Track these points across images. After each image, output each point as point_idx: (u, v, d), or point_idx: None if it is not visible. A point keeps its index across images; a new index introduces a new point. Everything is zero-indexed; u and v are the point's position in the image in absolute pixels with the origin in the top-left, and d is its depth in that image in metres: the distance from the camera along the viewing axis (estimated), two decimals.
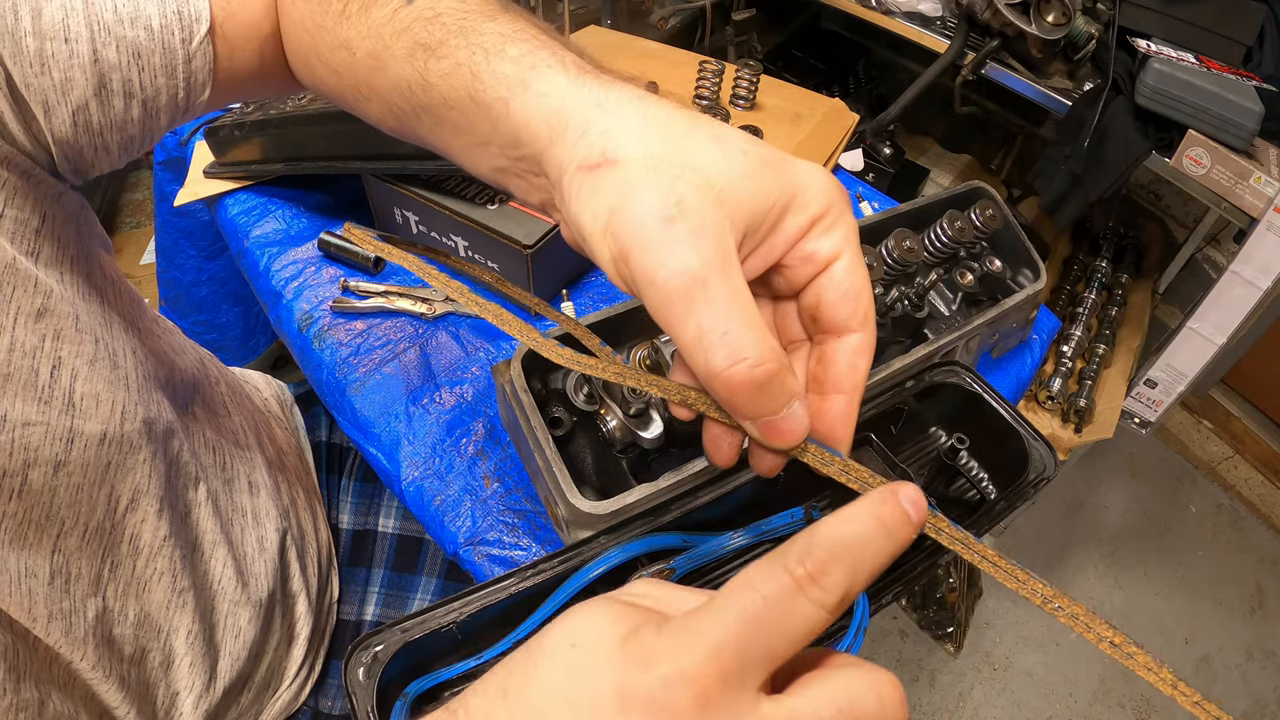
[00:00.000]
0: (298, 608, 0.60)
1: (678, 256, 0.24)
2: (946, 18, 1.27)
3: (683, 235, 0.24)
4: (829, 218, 0.28)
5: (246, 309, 1.13)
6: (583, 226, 0.26)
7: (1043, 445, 0.54)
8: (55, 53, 0.33)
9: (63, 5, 0.33)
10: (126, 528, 0.44)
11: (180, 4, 0.36)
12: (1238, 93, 0.99)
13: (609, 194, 0.25)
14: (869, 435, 0.53)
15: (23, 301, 0.35)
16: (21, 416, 0.36)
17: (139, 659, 0.47)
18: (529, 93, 0.28)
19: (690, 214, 0.24)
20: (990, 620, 1.52)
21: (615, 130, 0.26)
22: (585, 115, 0.27)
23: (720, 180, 0.25)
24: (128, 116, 0.37)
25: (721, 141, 0.27)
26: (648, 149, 0.26)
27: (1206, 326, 1.09)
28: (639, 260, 0.24)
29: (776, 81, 1.05)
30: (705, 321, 0.24)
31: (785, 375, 0.26)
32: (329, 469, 0.74)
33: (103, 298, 0.41)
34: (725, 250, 0.25)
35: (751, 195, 0.26)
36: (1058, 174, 1.16)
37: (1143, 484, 1.78)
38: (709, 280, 0.24)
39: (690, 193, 0.25)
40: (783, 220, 0.27)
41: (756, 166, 0.26)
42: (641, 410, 0.51)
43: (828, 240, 0.28)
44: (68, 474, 0.39)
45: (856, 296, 0.28)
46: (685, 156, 0.26)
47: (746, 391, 0.25)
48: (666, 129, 0.26)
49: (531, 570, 0.42)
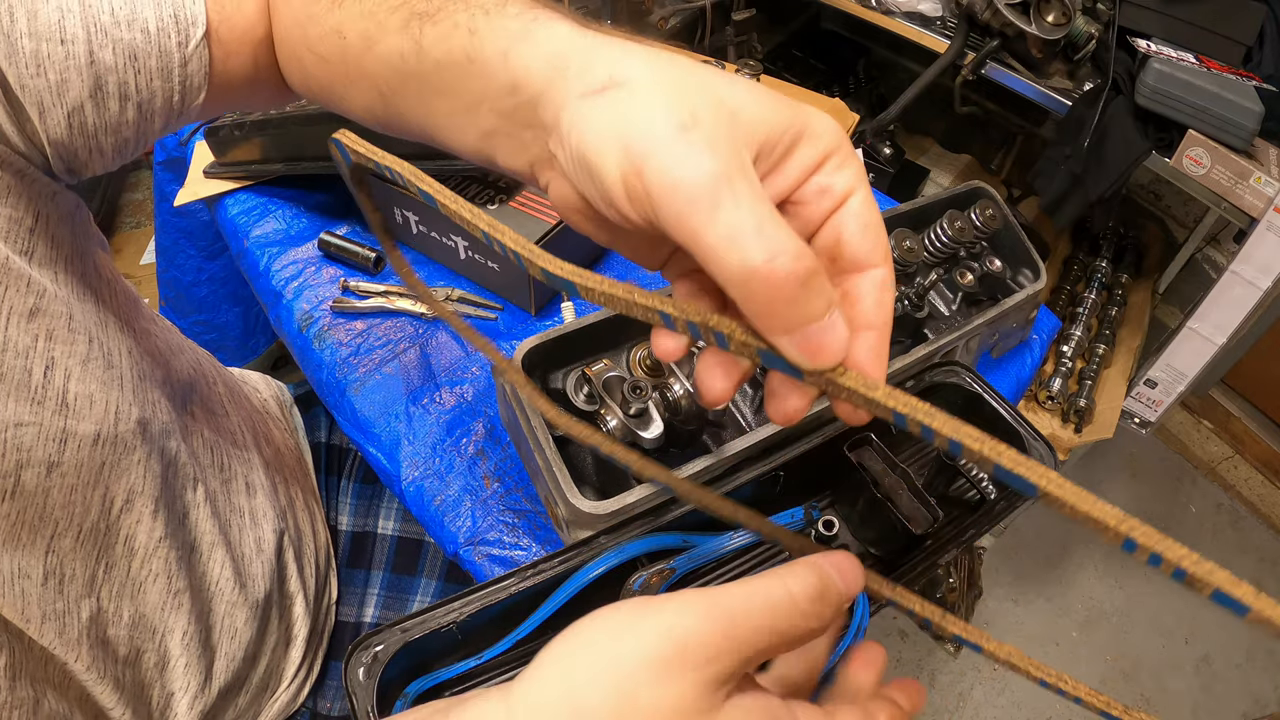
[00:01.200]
0: (295, 609, 0.60)
1: (698, 158, 0.23)
2: (946, 18, 1.27)
3: (700, 141, 0.23)
4: (841, 154, 0.27)
5: (246, 309, 1.13)
6: (587, 148, 0.25)
7: (1043, 445, 0.54)
8: (51, 54, 0.33)
9: (59, 7, 0.33)
10: (121, 529, 0.44)
11: (176, 7, 0.36)
12: (1238, 93, 0.99)
13: (618, 112, 0.24)
14: (869, 435, 0.53)
15: (15, 301, 0.35)
16: (14, 417, 0.36)
17: (134, 660, 0.47)
18: (530, 40, 0.27)
19: (705, 124, 0.24)
20: (990, 620, 1.52)
21: (622, 59, 0.25)
22: (589, 53, 0.26)
23: (732, 101, 0.25)
24: (123, 119, 0.37)
25: (731, 77, 0.26)
26: (656, 71, 0.25)
27: (1206, 326, 1.09)
28: (656, 167, 0.23)
29: (776, 81, 1.05)
30: (735, 219, 0.23)
31: (824, 275, 0.24)
32: (328, 470, 0.74)
33: (97, 297, 0.41)
34: (743, 162, 0.24)
35: (763, 118, 0.25)
36: (1058, 174, 1.16)
37: (1143, 484, 1.78)
38: (734, 178, 0.23)
39: (704, 107, 0.24)
40: (795, 149, 0.26)
41: (767, 95, 0.26)
42: (642, 410, 0.51)
43: (841, 175, 0.27)
44: (61, 475, 0.38)
45: (877, 230, 0.27)
46: (696, 79, 0.25)
47: (790, 289, 0.23)
48: (673, 60, 0.26)
49: (531, 570, 0.42)
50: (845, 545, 0.55)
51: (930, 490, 0.53)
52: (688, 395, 0.52)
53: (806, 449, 0.52)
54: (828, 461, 0.53)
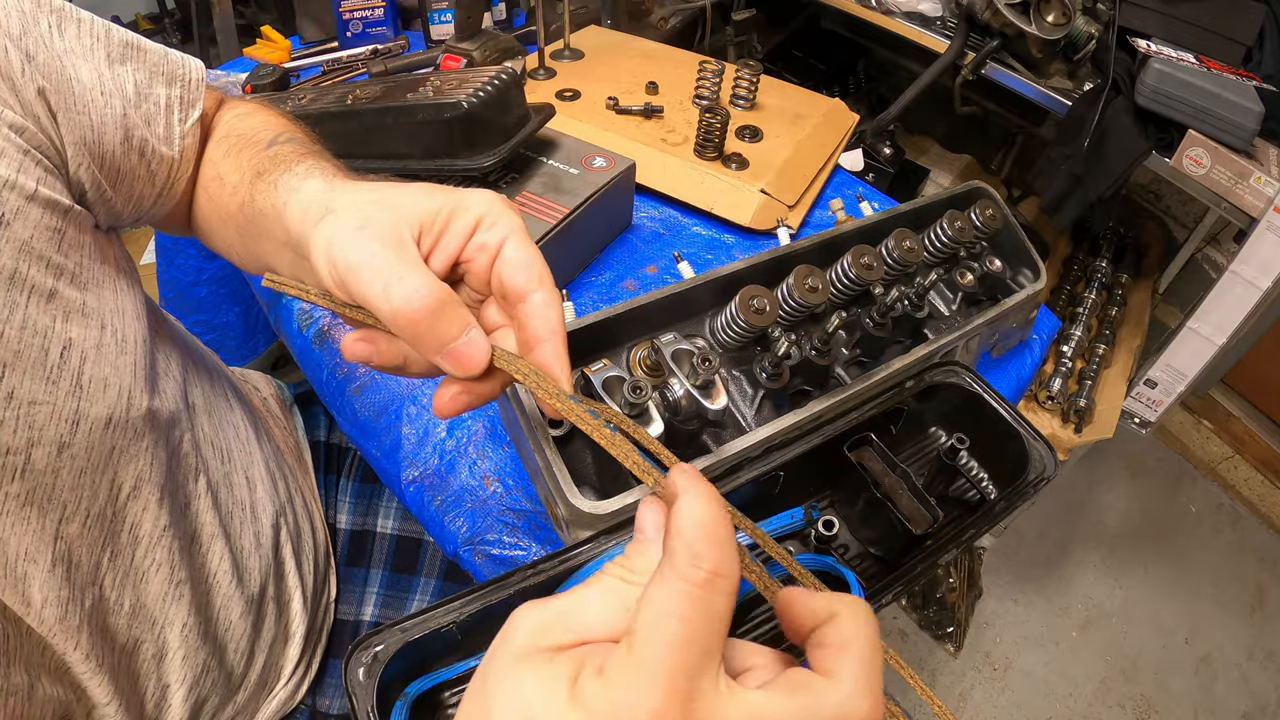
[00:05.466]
0: (292, 605, 0.60)
1: (364, 245, 0.33)
2: (946, 18, 1.27)
3: (368, 237, 0.33)
4: (490, 217, 0.36)
5: (246, 309, 1.13)
6: (316, 257, 0.34)
7: (1043, 445, 0.54)
8: (94, 99, 0.40)
9: (96, 68, 0.41)
10: (128, 516, 0.44)
11: (183, 89, 0.46)
12: (1238, 93, 0.99)
13: (327, 229, 0.34)
14: (869, 435, 0.53)
15: (37, 280, 0.36)
16: (29, 395, 0.36)
17: (132, 650, 0.47)
18: (295, 195, 0.38)
19: (375, 224, 0.34)
20: (990, 620, 1.52)
21: (339, 197, 0.37)
22: (324, 197, 0.37)
23: (398, 199, 0.35)
24: (137, 174, 0.44)
25: (412, 187, 0.37)
26: (354, 197, 0.36)
27: (1206, 326, 1.09)
28: (339, 256, 0.33)
29: (776, 81, 1.05)
30: (382, 279, 0.32)
31: (455, 305, 0.33)
32: (328, 469, 0.74)
33: (115, 285, 0.42)
34: (400, 239, 0.34)
35: (422, 204, 0.35)
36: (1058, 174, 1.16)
37: (1143, 484, 1.78)
38: (385, 254, 0.33)
39: (376, 211, 0.34)
40: (452, 220, 0.36)
41: (428, 191, 0.36)
42: (642, 410, 0.51)
43: (493, 233, 0.36)
44: (71, 456, 0.39)
45: (528, 264, 0.36)
46: (377, 196, 0.36)
47: (425, 320, 0.32)
48: (373, 188, 0.37)
49: (531, 570, 0.42)
50: (845, 545, 0.55)
51: (930, 490, 0.53)
52: (688, 395, 0.52)
53: (806, 449, 0.52)
54: (828, 461, 0.53)
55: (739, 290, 0.56)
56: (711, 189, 0.85)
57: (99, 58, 0.41)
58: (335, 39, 1.14)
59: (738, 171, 0.86)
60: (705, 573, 0.24)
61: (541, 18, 1.00)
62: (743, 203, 0.84)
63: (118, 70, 0.42)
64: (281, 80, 0.98)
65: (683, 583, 0.24)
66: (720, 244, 0.84)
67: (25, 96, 0.36)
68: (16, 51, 0.36)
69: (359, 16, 1.12)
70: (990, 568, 1.59)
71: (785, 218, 0.84)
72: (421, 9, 1.10)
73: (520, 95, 0.73)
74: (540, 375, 0.34)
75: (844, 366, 0.62)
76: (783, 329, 0.57)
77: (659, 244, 0.83)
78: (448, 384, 0.36)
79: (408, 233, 0.34)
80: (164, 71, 0.45)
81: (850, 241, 0.66)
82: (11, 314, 0.35)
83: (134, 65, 0.43)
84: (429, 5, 1.09)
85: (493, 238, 0.36)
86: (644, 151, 0.87)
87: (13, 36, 0.36)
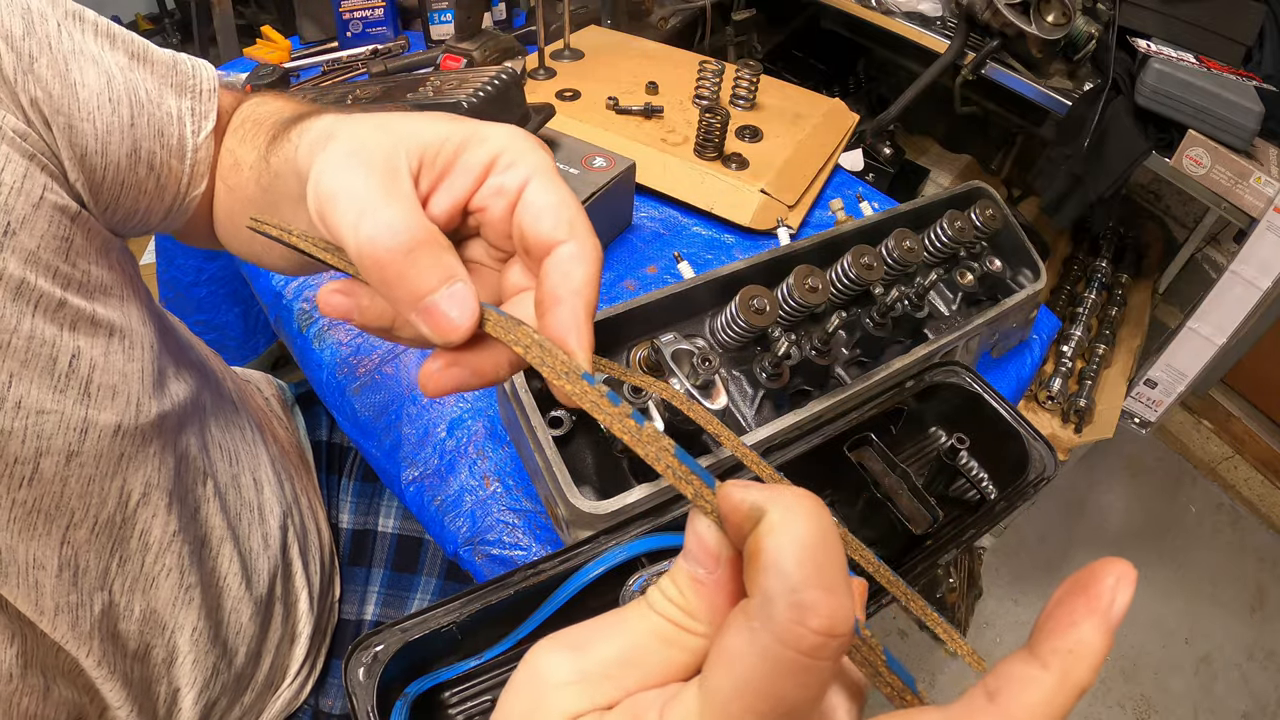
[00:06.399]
0: (299, 605, 0.60)
1: (347, 172, 0.27)
2: (946, 18, 1.27)
3: (356, 162, 0.27)
4: (509, 154, 0.29)
5: (246, 309, 1.13)
6: (304, 180, 0.29)
7: (1043, 445, 0.54)
8: (101, 107, 0.38)
9: (106, 71, 0.38)
10: (137, 522, 0.44)
11: (194, 100, 0.43)
12: (1238, 93, 0.99)
13: (320, 156, 0.29)
14: (869, 435, 0.53)
15: (45, 290, 0.36)
16: (37, 404, 0.36)
17: (143, 655, 0.47)
18: (307, 134, 0.32)
19: (367, 149, 0.28)
20: (990, 620, 1.52)
21: (341, 123, 0.30)
22: (331, 128, 0.31)
23: (398, 125, 0.29)
24: (144, 186, 0.41)
25: (422, 113, 0.31)
26: (356, 124, 0.30)
27: (1206, 326, 1.09)
28: (321, 183, 0.27)
29: (776, 81, 1.05)
30: (357, 207, 0.26)
31: (437, 249, 0.26)
32: (329, 469, 0.74)
33: (122, 290, 0.42)
34: (393, 168, 0.28)
35: (424, 131, 0.29)
36: (1058, 174, 1.16)
37: (1143, 484, 1.78)
38: (368, 181, 0.27)
39: (372, 135, 0.29)
40: (462, 154, 0.29)
41: (438, 119, 0.30)
42: (642, 410, 0.51)
43: (513, 172, 0.29)
44: (80, 464, 0.39)
45: (555, 209, 0.28)
46: (378, 121, 0.30)
47: (395, 263, 0.26)
48: (379, 116, 0.31)
49: (531, 570, 0.42)
50: None
51: (930, 490, 0.53)
52: (688, 395, 0.52)
53: (806, 449, 0.52)
54: (828, 461, 0.53)
55: (739, 290, 0.56)
56: (711, 189, 0.85)
57: (107, 63, 0.39)
58: (335, 39, 1.14)
59: (738, 171, 0.86)
60: (813, 634, 0.16)
61: (541, 18, 1.00)
62: (743, 203, 0.84)
63: (129, 77, 0.40)
64: (281, 80, 0.98)
65: (780, 646, 0.16)
66: (720, 244, 0.84)
67: (24, 103, 0.35)
68: (16, 57, 0.35)
69: (359, 16, 1.12)
70: (990, 568, 1.59)
71: (785, 218, 0.85)
72: (421, 9, 1.10)
73: (520, 95, 0.73)
74: (548, 347, 0.26)
75: (844, 366, 0.62)
76: (783, 329, 0.57)
77: (659, 244, 0.83)
78: (437, 354, 0.28)
79: (404, 162, 0.28)
80: (173, 82, 0.43)
81: (850, 241, 0.66)
82: (19, 324, 0.35)
83: (143, 74, 0.41)
84: (429, 5, 1.09)
85: (512, 179, 0.29)
86: (644, 151, 0.87)
87: (14, 40, 0.35)
